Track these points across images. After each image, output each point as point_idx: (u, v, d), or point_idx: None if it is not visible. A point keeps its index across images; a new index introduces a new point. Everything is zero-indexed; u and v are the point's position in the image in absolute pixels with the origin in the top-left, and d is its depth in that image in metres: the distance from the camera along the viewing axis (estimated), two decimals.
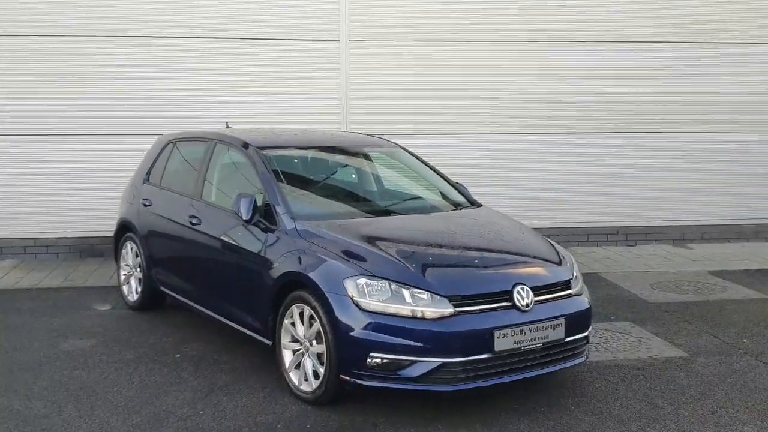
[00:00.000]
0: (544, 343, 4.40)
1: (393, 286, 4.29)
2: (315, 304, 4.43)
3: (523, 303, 4.38)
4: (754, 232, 9.95)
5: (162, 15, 8.69)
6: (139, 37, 8.66)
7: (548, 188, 9.49)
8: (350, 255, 4.53)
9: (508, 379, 4.35)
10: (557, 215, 9.52)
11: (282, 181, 5.31)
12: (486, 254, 4.87)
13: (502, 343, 4.25)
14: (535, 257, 4.86)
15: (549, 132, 9.44)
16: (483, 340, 4.22)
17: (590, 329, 4.81)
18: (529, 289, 4.44)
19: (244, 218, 5.03)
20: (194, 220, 5.71)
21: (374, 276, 4.33)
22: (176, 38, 8.72)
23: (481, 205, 5.85)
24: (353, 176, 6.25)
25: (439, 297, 4.26)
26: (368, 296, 4.26)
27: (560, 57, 9.35)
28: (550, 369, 4.52)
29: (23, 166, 8.66)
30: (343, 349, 4.28)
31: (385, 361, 4.20)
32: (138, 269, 6.56)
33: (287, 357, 4.74)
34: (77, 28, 8.57)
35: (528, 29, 9.28)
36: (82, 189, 8.76)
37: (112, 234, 7.06)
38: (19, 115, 8.60)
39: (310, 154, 6.12)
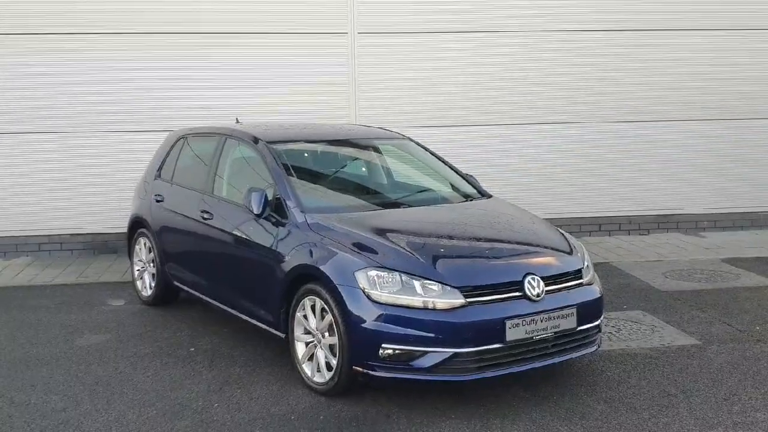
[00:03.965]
0: (555, 333, 4.41)
1: (404, 277, 4.30)
2: (327, 296, 4.46)
3: (534, 293, 4.38)
4: (767, 219, 9.89)
5: (169, 11, 8.72)
6: (149, 33, 8.70)
7: (559, 178, 9.46)
8: (361, 247, 4.55)
9: (520, 368, 4.36)
10: (568, 205, 9.50)
11: (292, 175, 5.33)
12: (496, 245, 4.88)
13: (514, 332, 4.26)
14: (545, 247, 4.86)
15: (560, 122, 9.41)
16: (494, 330, 4.23)
17: (602, 318, 4.82)
18: (540, 279, 4.45)
19: (255, 212, 5.06)
20: (206, 215, 5.75)
21: (385, 268, 4.35)
22: (185, 34, 8.75)
23: (491, 196, 5.86)
24: (363, 169, 6.26)
25: (449, 288, 4.27)
26: (379, 288, 4.28)
27: (573, 46, 9.31)
28: (562, 358, 4.53)
29: (36, 163, 8.73)
30: (356, 341, 4.31)
31: (397, 352, 4.22)
32: (151, 264, 6.61)
33: (300, 349, 4.78)
34: (88, 26, 8.61)
35: (540, 19, 9.24)
36: (95, 186, 8.82)
37: (125, 230, 7.11)
38: (32, 113, 8.66)
39: (319, 147, 6.14)
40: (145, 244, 6.71)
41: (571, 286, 4.61)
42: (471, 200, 5.71)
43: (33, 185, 8.76)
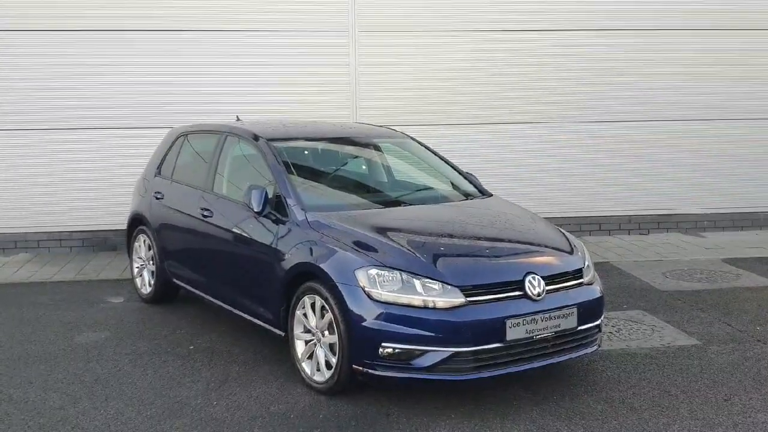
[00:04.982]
0: (555, 332, 4.40)
1: (404, 276, 4.29)
2: (327, 294, 4.44)
3: (535, 292, 4.37)
4: (767, 219, 9.88)
5: (171, 8, 8.70)
6: (150, 31, 8.69)
7: (560, 178, 9.46)
8: (361, 246, 4.54)
9: (520, 368, 4.34)
10: (569, 204, 9.49)
11: (292, 173, 5.32)
12: (497, 244, 4.86)
13: (514, 332, 4.24)
14: (546, 246, 4.85)
15: (561, 122, 9.40)
16: (495, 329, 4.22)
17: (602, 318, 4.80)
18: (540, 278, 4.43)
19: (255, 210, 5.04)
20: (206, 213, 5.73)
21: (385, 266, 4.33)
22: (187, 32, 8.74)
23: (491, 195, 5.84)
24: (363, 167, 6.25)
25: (450, 287, 4.26)
26: (379, 286, 4.27)
27: (571, 46, 9.30)
28: (562, 358, 4.51)
29: (36, 160, 8.71)
30: (355, 340, 4.29)
31: (397, 350, 4.20)
32: (151, 262, 6.59)
33: (299, 347, 4.76)
34: (91, 23, 8.60)
35: (539, 19, 9.23)
36: (95, 183, 8.81)
37: (124, 227, 7.09)
38: (32, 110, 8.65)
39: (320, 145, 6.13)
40: (144, 241, 6.69)
41: (571, 285, 4.60)
42: (471, 199, 5.70)
43: (32, 182, 8.74)
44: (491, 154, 9.27)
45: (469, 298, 4.24)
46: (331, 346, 4.49)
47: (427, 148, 6.32)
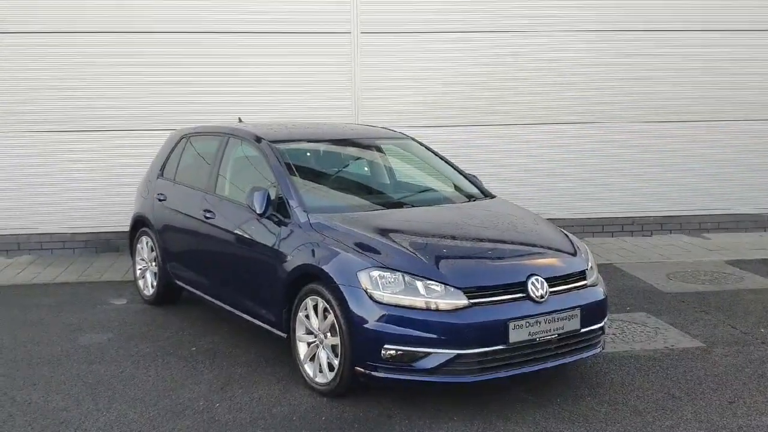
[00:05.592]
0: (559, 334, 4.38)
1: (407, 277, 4.28)
2: (329, 296, 4.44)
3: (538, 294, 4.36)
4: None
5: (173, 11, 8.71)
6: (152, 33, 8.69)
7: (563, 179, 9.43)
8: (363, 247, 4.53)
9: (524, 370, 4.33)
10: (572, 206, 9.47)
11: (295, 175, 5.31)
12: (500, 245, 4.86)
13: (517, 334, 4.23)
14: (549, 248, 4.84)
15: (564, 123, 9.38)
16: (497, 331, 4.20)
17: (606, 320, 4.79)
18: (543, 280, 4.42)
19: (257, 212, 5.03)
20: (208, 214, 5.73)
21: (388, 268, 4.32)
22: (188, 33, 8.74)
23: (494, 197, 5.83)
24: (365, 169, 6.24)
25: (453, 288, 4.25)
26: (382, 288, 4.26)
27: (576, 47, 9.28)
28: (565, 360, 4.50)
29: (39, 162, 8.72)
30: (358, 341, 4.28)
31: (399, 352, 4.19)
32: (153, 263, 6.59)
33: (302, 349, 4.76)
34: (93, 26, 8.61)
35: (541, 20, 9.21)
36: (98, 184, 8.81)
37: (127, 229, 7.09)
38: (35, 112, 8.66)
39: (322, 147, 6.12)
40: (147, 243, 6.69)
41: (574, 287, 4.59)
42: (474, 200, 5.69)
43: (34, 183, 8.74)
44: (493, 156, 9.24)
45: (471, 300, 4.23)
46: (334, 348, 4.48)
47: (429, 149, 6.31)
